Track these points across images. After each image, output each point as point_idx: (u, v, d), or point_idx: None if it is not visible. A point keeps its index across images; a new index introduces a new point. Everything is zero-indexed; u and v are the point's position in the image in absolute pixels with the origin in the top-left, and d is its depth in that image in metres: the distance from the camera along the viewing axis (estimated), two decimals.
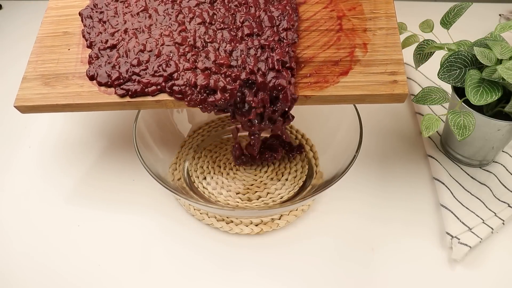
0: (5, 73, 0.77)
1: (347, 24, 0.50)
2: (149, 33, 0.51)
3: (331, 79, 0.47)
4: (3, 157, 0.62)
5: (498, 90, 0.47)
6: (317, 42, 0.49)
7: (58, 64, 0.53)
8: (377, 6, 0.51)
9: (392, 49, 0.48)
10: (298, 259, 0.50)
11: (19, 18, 0.90)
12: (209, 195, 0.56)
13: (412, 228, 0.52)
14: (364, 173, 0.58)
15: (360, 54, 0.48)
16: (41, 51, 0.54)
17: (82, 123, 0.67)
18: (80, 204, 0.56)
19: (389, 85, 0.46)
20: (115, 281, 0.48)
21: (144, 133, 0.54)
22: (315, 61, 0.48)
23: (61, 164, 0.61)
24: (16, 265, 0.50)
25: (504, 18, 0.83)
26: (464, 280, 0.48)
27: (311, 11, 0.52)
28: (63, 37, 0.55)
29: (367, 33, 0.49)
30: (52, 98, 0.50)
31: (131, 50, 0.50)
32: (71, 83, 0.51)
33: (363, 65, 0.47)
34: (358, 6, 0.51)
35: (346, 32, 0.49)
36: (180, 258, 0.50)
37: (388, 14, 0.50)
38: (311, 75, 0.48)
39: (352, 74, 0.47)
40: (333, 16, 0.51)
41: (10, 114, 0.69)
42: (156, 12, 0.52)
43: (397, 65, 0.47)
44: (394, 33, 0.49)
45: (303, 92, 0.47)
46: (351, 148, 0.50)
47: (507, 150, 0.59)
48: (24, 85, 0.52)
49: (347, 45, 0.49)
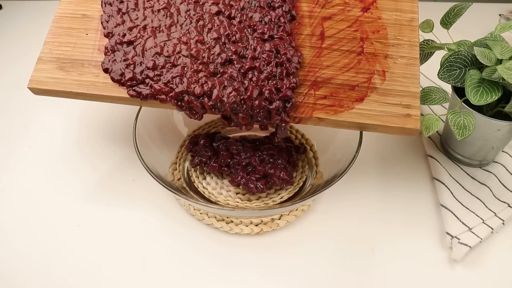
0: (5, 72, 0.77)
1: (369, 47, 0.49)
2: (168, 34, 0.50)
3: (346, 104, 0.46)
4: (3, 157, 0.62)
5: (498, 90, 0.47)
6: (337, 63, 0.48)
7: (74, 49, 0.52)
8: (402, 32, 0.49)
9: (410, 80, 0.47)
10: (298, 259, 0.50)
11: (19, 18, 0.90)
12: (209, 195, 0.56)
13: (412, 228, 0.52)
14: (364, 173, 0.58)
15: (378, 81, 0.47)
16: (58, 32, 0.53)
17: (82, 123, 0.67)
18: (80, 204, 0.56)
19: (401, 118, 0.45)
20: (115, 282, 0.48)
21: (144, 133, 0.54)
22: (333, 83, 0.47)
23: (61, 165, 0.61)
24: (16, 265, 0.50)
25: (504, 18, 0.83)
26: (464, 280, 0.48)
27: (335, 28, 0.50)
28: (82, 20, 0.54)
29: (388, 60, 0.48)
30: (66, 85, 0.50)
31: (147, 50, 0.49)
32: (86, 71, 0.51)
33: (380, 94, 0.47)
34: (383, 30, 0.49)
35: (367, 56, 0.48)
36: (180, 258, 0.50)
37: (412, 43, 0.49)
38: (327, 97, 0.47)
39: (367, 102, 0.46)
40: (356, 36, 0.49)
41: (10, 114, 0.69)
42: (178, 12, 0.51)
43: (412, 98, 0.46)
44: (414, 63, 0.48)
45: (317, 114, 0.46)
46: (351, 148, 0.50)
47: (507, 150, 0.59)
48: (39, 66, 0.51)
49: (367, 70, 0.48)
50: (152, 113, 0.56)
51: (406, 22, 0.50)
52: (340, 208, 0.54)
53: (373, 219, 0.53)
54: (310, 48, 0.49)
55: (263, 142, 0.56)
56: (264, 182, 0.53)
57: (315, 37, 0.50)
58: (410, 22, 0.50)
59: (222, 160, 0.55)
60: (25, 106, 0.71)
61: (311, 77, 0.48)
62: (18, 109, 0.70)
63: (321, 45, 0.49)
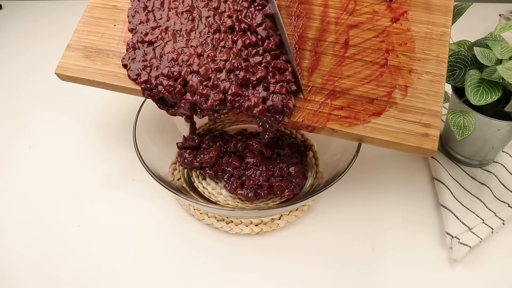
0: (5, 72, 0.77)
1: (394, 60, 0.46)
2: (187, 40, 0.49)
3: (362, 117, 0.45)
4: (3, 157, 0.62)
5: (498, 90, 0.47)
6: (358, 74, 0.46)
7: (101, 39, 0.53)
8: (431, 47, 0.46)
9: (433, 98, 0.44)
10: (298, 259, 0.50)
11: (19, 18, 0.90)
12: (209, 195, 0.56)
13: (412, 228, 0.52)
14: (364, 173, 0.58)
15: (399, 96, 0.45)
16: (88, 21, 0.54)
17: (82, 123, 0.67)
18: (80, 204, 0.56)
19: (419, 137, 0.43)
20: (115, 282, 0.48)
21: (144, 133, 0.54)
22: (351, 94, 0.46)
23: (61, 165, 0.61)
24: (16, 266, 0.50)
25: (504, 18, 0.83)
26: (464, 280, 0.48)
27: (361, 37, 0.47)
28: (112, 10, 0.54)
29: (412, 75, 0.45)
30: (90, 73, 0.51)
31: (165, 55, 0.49)
32: (110, 61, 0.51)
33: (399, 110, 0.44)
34: (411, 42, 0.47)
35: (390, 69, 0.46)
36: (180, 258, 0.50)
37: (440, 58, 0.46)
38: (343, 108, 0.45)
39: (384, 117, 0.44)
40: (381, 47, 0.47)
41: (10, 114, 0.69)
42: (199, 17, 0.50)
43: (433, 118, 0.44)
44: (440, 81, 0.45)
45: (331, 125, 0.45)
46: (351, 148, 0.50)
47: (507, 150, 0.59)
48: (68, 53, 0.53)
49: (388, 84, 0.45)
50: (153, 113, 0.56)
51: (436, 36, 0.47)
52: (340, 208, 0.55)
53: (373, 219, 0.53)
54: (332, 56, 0.47)
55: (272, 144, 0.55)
56: (267, 192, 0.53)
57: (338, 45, 0.48)
58: (441, 37, 0.47)
59: (224, 168, 0.55)
60: (25, 106, 0.71)
61: (330, 86, 0.46)
62: (18, 109, 0.70)
63: (344, 53, 0.47)
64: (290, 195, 0.52)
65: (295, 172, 0.53)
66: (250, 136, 0.57)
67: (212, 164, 0.54)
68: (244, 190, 0.53)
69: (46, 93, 0.73)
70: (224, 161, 0.54)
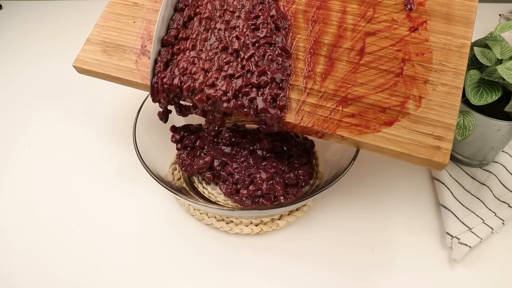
0: (5, 72, 0.77)
1: (410, 70, 0.45)
2: (199, 51, 0.49)
3: (372, 126, 0.44)
4: (3, 157, 0.62)
5: (498, 90, 0.47)
6: (372, 82, 0.45)
7: (120, 35, 0.54)
8: (449, 58, 0.45)
9: (448, 111, 0.43)
10: (298, 259, 0.50)
11: (19, 18, 0.90)
12: (209, 195, 0.56)
13: (412, 228, 0.52)
14: (364, 173, 0.58)
15: (412, 107, 0.44)
16: (108, 17, 0.55)
17: (82, 123, 0.67)
18: (80, 204, 0.56)
19: (430, 150, 0.42)
20: (115, 282, 0.48)
21: (144, 133, 0.54)
22: (363, 102, 0.45)
23: (60, 164, 0.61)
24: (16, 266, 0.50)
25: (504, 18, 0.83)
26: (464, 280, 0.48)
27: (377, 45, 0.47)
28: (132, 7, 0.55)
29: (427, 86, 0.44)
30: (106, 68, 0.52)
31: (181, 62, 0.49)
32: (126, 57, 0.52)
33: (411, 120, 0.43)
34: (428, 53, 0.45)
35: (405, 79, 0.45)
36: (180, 258, 0.50)
37: (457, 71, 0.44)
38: (354, 115, 0.44)
39: (396, 127, 0.44)
40: (398, 57, 0.46)
41: (10, 114, 0.69)
42: (214, 28, 0.50)
43: (446, 130, 0.42)
44: (456, 93, 0.44)
45: (341, 132, 0.44)
46: (351, 148, 0.50)
47: (507, 150, 0.59)
48: (86, 47, 0.54)
49: (402, 94, 0.44)
50: (153, 114, 0.56)
51: (455, 48, 0.45)
52: (340, 208, 0.55)
53: (373, 219, 0.53)
54: (347, 63, 0.47)
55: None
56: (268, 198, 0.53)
57: (354, 51, 0.47)
58: (460, 48, 0.45)
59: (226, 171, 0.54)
60: (25, 106, 0.71)
61: (342, 92, 0.45)
62: (18, 109, 0.70)
63: (359, 61, 0.46)
64: (292, 199, 0.52)
65: (303, 174, 0.53)
66: (249, 136, 0.57)
67: (207, 169, 0.54)
68: (239, 196, 0.52)
69: (46, 93, 0.73)
70: (218, 166, 0.54)
